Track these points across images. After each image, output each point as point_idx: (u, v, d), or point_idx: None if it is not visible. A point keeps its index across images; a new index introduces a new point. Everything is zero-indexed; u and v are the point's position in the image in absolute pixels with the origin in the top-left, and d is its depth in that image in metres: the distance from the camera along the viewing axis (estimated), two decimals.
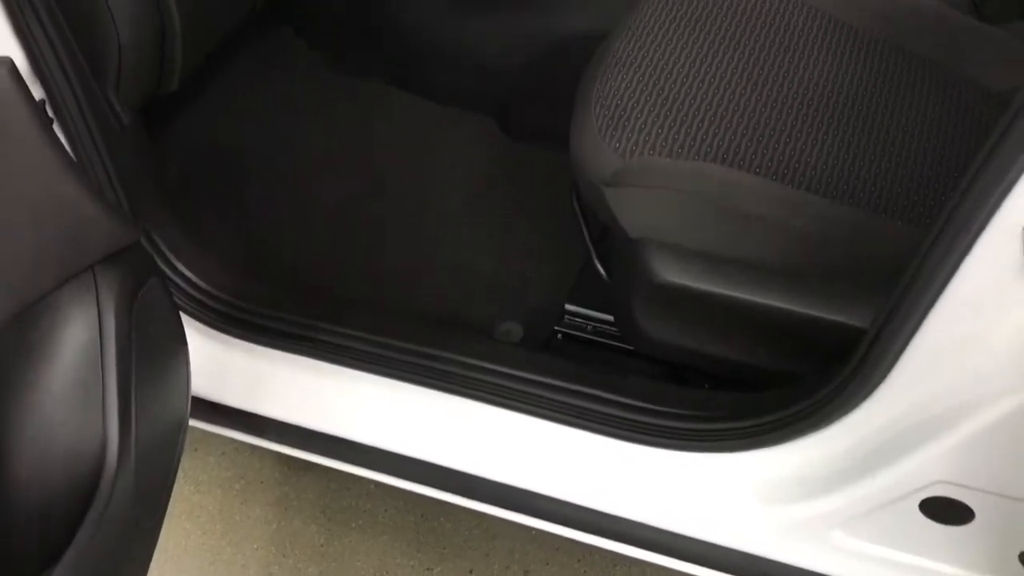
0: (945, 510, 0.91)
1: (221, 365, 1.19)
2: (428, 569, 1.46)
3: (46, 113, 0.90)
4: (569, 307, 1.31)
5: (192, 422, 1.20)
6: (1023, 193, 0.70)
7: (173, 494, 0.95)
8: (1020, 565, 0.90)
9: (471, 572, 1.45)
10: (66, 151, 0.81)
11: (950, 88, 1.17)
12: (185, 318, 1.06)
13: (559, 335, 1.32)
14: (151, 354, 0.87)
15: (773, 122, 1.07)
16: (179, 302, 1.12)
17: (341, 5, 1.67)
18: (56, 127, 0.93)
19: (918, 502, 0.92)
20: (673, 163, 1.03)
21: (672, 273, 1.02)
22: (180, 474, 1.05)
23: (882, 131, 1.10)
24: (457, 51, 1.63)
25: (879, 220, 1.00)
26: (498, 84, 1.64)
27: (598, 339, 1.30)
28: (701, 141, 1.04)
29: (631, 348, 1.24)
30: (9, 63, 0.73)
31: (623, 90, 1.09)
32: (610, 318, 1.27)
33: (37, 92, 0.89)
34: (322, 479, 1.53)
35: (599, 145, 1.05)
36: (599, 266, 1.22)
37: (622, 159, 1.04)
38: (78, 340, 0.79)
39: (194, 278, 1.16)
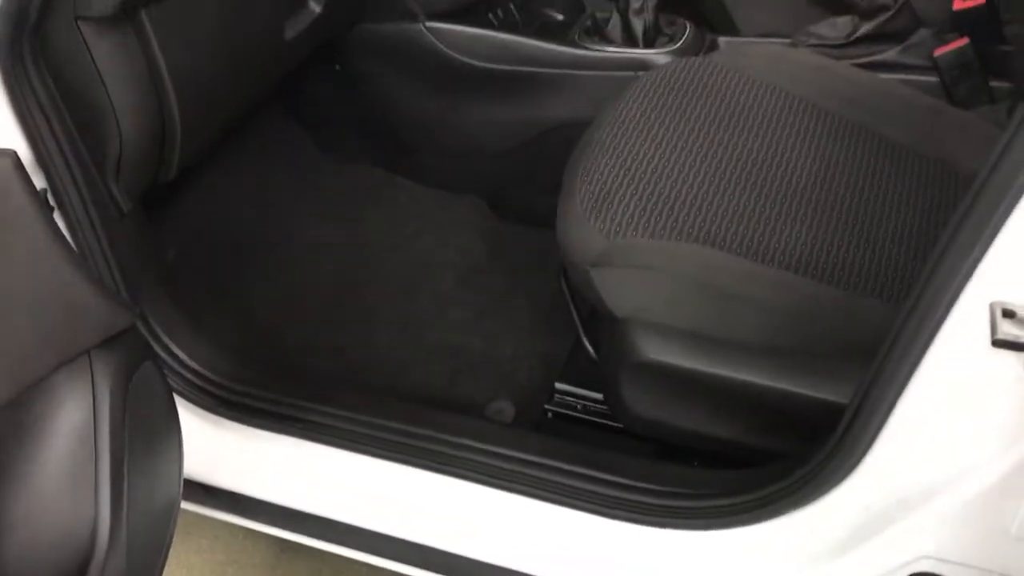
0: None
1: (214, 446, 1.20)
2: None
3: (47, 202, 0.93)
4: (559, 386, 1.33)
5: (184, 504, 1.20)
6: (989, 269, 0.73)
7: None
8: None
9: None
10: (66, 240, 0.83)
11: (925, 171, 1.20)
12: (179, 400, 1.08)
13: (550, 414, 1.33)
14: (144, 436, 0.88)
15: (753, 204, 1.11)
16: (173, 384, 1.13)
17: (334, 95, 1.73)
18: (57, 215, 0.96)
19: None
20: (657, 244, 1.06)
21: (657, 352, 1.04)
22: (171, 558, 1.04)
23: (859, 212, 1.13)
24: (448, 138, 1.68)
25: (858, 299, 1.02)
26: (488, 168, 1.69)
27: (589, 417, 1.31)
28: (684, 223, 1.07)
29: (621, 426, 1.25)
30: (13, 156, 0.77)
31: (607, 174, 1.13)
32: (600, 396, 1.29)
33: (39, 181, 0.92)
34: (315, 562, 1.52)
35: (584, 227, 1.08)
36: (588, 345, 1.24)
37: (607, 240, 1.06)
38: (72, 422, 0.80)
39: (188, 360, 1.18)
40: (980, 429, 0.80)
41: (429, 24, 1.53)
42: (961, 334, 0.75)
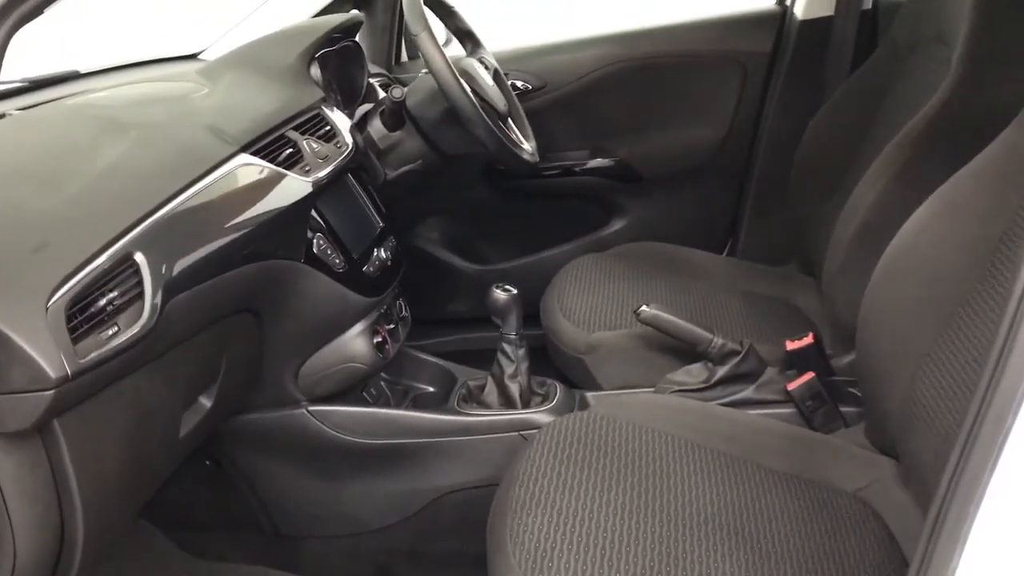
0: None
1: None
2: None
3: None
4: None
5: None
6: None
7: None
8: None
9: None
10: None
11: (809, 493, 1.30)
12: None
13: None
14: None
15: (668, 540, 1.14)
16: None
17: (203, 493, 1.66)
18: None
19: None
20: None
21: None
22: None
23: (758, 537, 1.18)
24: (332, 520, 1.63)
25: None
26: (375, 545, 1.63)
27: None
28: (619, 565, 1.08)
29: None
30: None
31: (538, 533, 1.13)
32: None
33: None
34: None
35: None
36: None
37: None
38: None
39: None
40: None
41: (312, 408, 1.54)
42: None
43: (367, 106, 1.79)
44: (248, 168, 1.28)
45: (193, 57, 1.94)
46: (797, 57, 2.08)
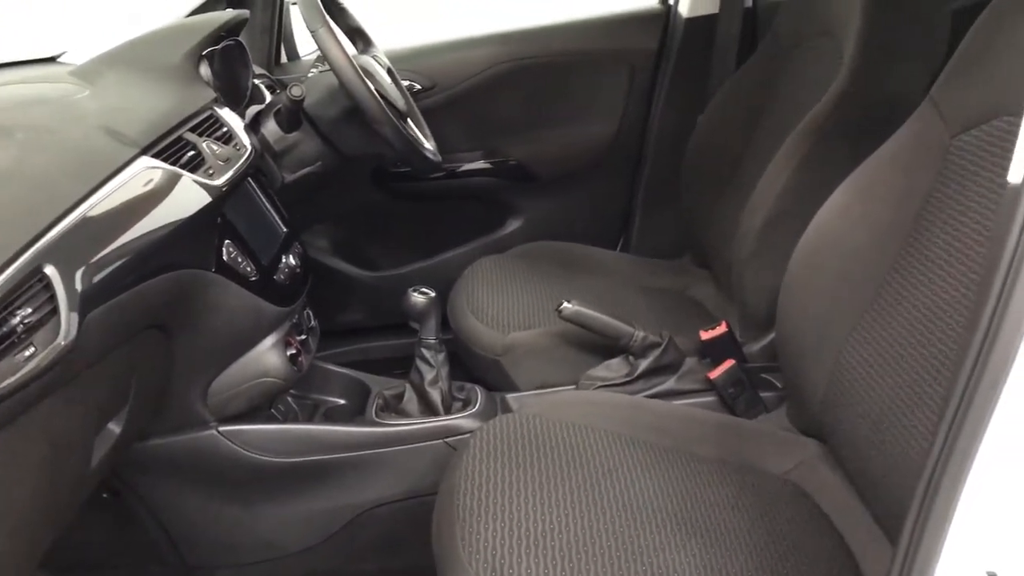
0: None
1: None
2: None
3: None
4: None
5: None
6: None
7: None
8: None
9: None
10: None
11: (742, 478, 1.31)
12: None
13: None
14: None
15: (623, 535, 1.13)
16: None
17: (99, 526, 1.52)
18: None
19: None
20: None
21: None
22: None
23: (705, 526, 1.19)
24: (246, 546, 1.53)
25: None
26: (295, 570, 1.55)
27: None
28: (577, 565, 1.06)
29: None
30: None
31: (492, 539, 1.09)
32: None
33: None
34: None
35: None
36: None
37: None
38: None
39: None
40: None
41: (222, 428, 1.44)
42: None
43: (257, 107, 1.70)
44: (152, 171, 1.18)
45: (52, 60, 1.79)
46: (683, 54, 2.13)
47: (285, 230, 1.58)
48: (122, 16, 1.91)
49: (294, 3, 2.05)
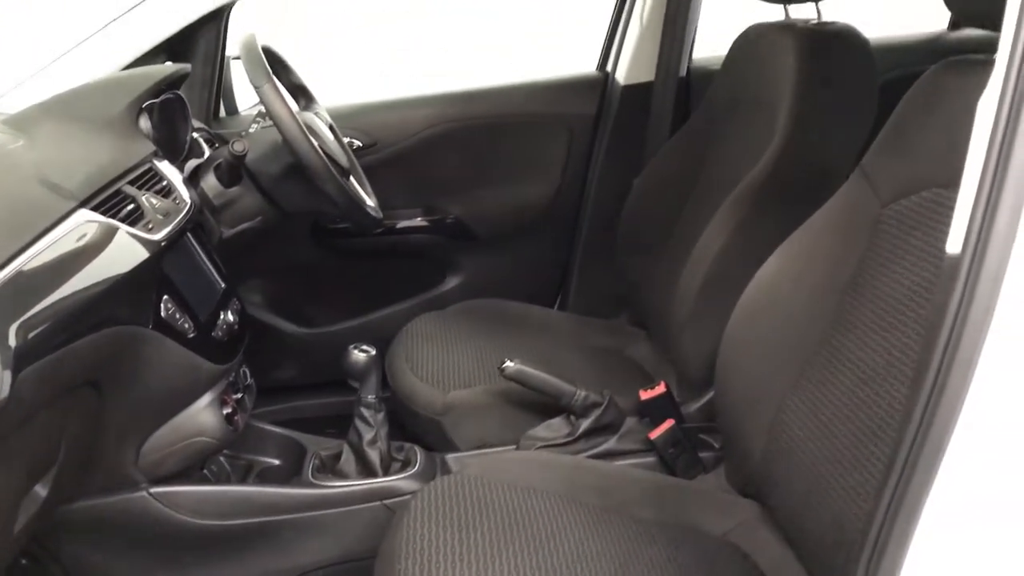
0: None
1: None
2: None
3: None
4: None
5: None
6: None
7: None
8: None
9: None
10: None
11: (683, 539, 1.32)
12: None
13: None
14: None
15: None
16: None
17: None
18: None
19: None
20: None
21: None
22: None
23: None
24: None
25: None
26: None
27: None
28: None
29: None
30: None
31: None
32: None
33: None
34: None
35: None
36: None
37: None
38: None
39: None
40: None
41: (153, 490, 1.39)
42: None
43: (196, 160, 1.68)
44: (90, 225, 1.15)
45: None
46: (620, 120, 2.18)
47: (223, 286, 1.55)
48: (57, 65, 1.88)
49: (235, 58, 2.04)
